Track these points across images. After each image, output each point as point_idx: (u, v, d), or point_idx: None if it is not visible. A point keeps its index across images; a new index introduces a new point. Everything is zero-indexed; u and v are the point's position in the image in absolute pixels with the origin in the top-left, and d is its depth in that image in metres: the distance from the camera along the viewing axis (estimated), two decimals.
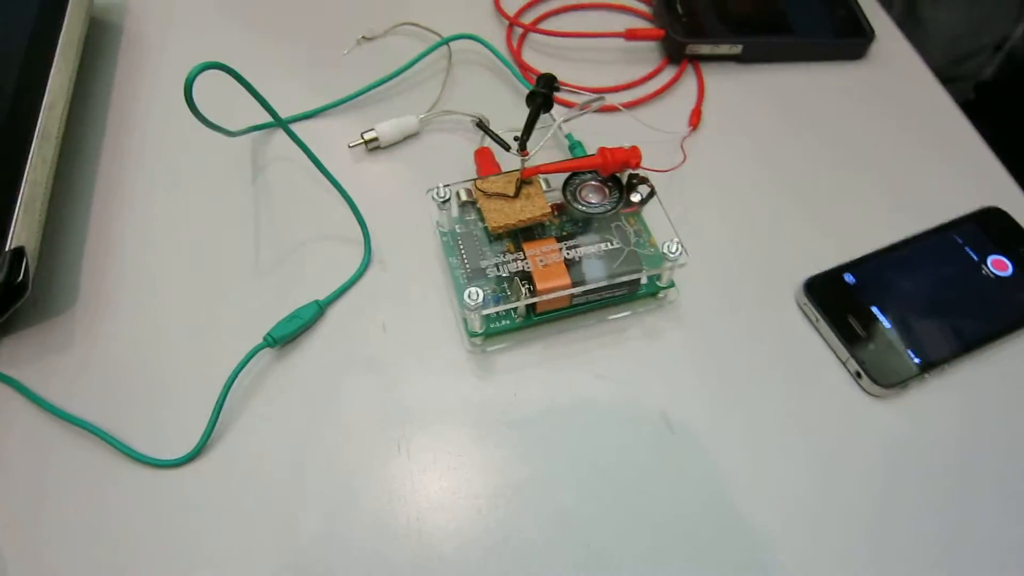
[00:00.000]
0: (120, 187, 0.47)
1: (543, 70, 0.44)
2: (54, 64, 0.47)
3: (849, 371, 0.40)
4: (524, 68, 0.53)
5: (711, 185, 0.47)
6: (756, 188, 0.47)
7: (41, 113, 0.45)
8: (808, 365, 0.40)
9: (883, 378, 0.38)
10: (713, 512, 0.36)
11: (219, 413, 0.38)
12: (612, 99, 0.50)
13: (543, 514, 0.36)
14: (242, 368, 0.38)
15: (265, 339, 0.40)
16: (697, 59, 0.54)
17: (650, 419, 0.38)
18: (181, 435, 0.38)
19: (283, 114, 0.49)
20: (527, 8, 0.58)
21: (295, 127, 0.49)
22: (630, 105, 0.51)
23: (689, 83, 0.53)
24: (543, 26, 0.56)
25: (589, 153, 0.45)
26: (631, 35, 0.54)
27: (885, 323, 0.40)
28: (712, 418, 0.38)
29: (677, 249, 0.39)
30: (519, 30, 0.56)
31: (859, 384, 0.39)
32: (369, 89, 0.51)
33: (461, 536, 0.35)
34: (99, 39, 0.55)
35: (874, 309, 0.41)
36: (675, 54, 0.54)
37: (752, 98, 0.52)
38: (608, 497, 0.36)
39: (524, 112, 0.43)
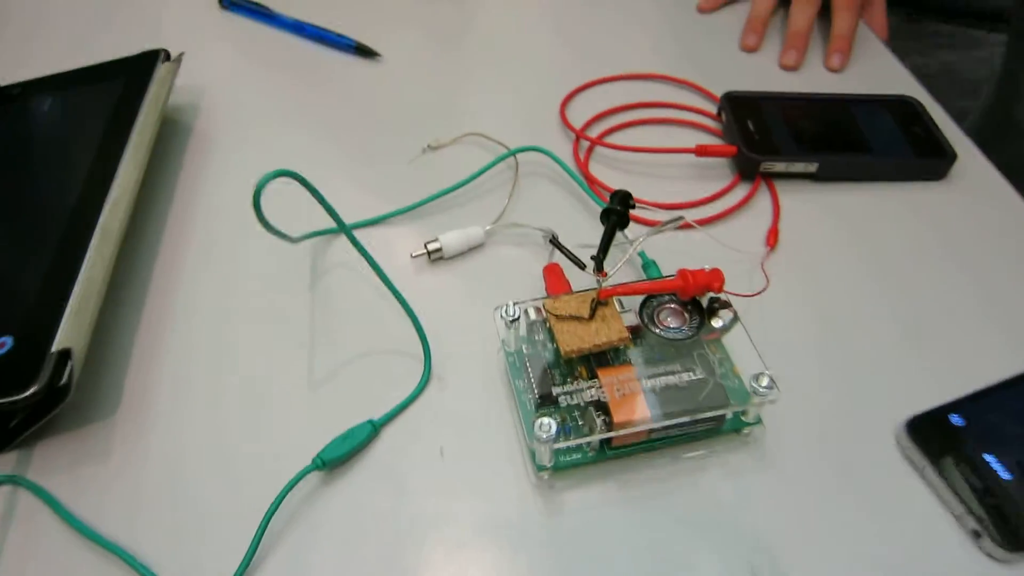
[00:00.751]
0: (174, 290, 0.46)
1: (611, 185, 0.43)
2: (123, 160, 0.47)
3: (964, 528, 0.35)
4: (592, 182, 0.52)
5: (794, 311, 0.44)
6: (843, 314, 0.44)
7: (105, 208, 0.44)
8: (915, 519, 0.36)
9: (1008, 540, 0.34)
10: None
11: (259, 541, 0.34)
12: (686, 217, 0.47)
13: None
14: (287, 492, 0.35)
15: (315, 461, 0.37)
16: (770, 176, 0.53)
17: (738, 573, 0.34)
18: (217, 564, 0.34)
19: (345, 221, 0.48)
20: (593, 122, 0.57)
21: (356, 234, 0.48)
22: (703, 223, 0.49)
23: (762, 201, 0.51)
24: (610, 140, 0.55)
25: (664, 273, 0.43)
26: (702, 151, 0.52)
27: (1003, 474, 0.36)
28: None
29: (768, 384, 0.35)
30: (585, 143, 0.55)
31: (978, 545, 0.35)
32: (434, 198, 0.50)
33: None
34: (169, 138, 0.56)
35: (987, 457, 0.36)
36: (748, 171, 0.53)
37: (830, 218, 0.50)
38: None
39: (592, 227, 0.41)
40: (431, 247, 0.46)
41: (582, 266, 0.39)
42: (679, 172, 0.53)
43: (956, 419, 0.38)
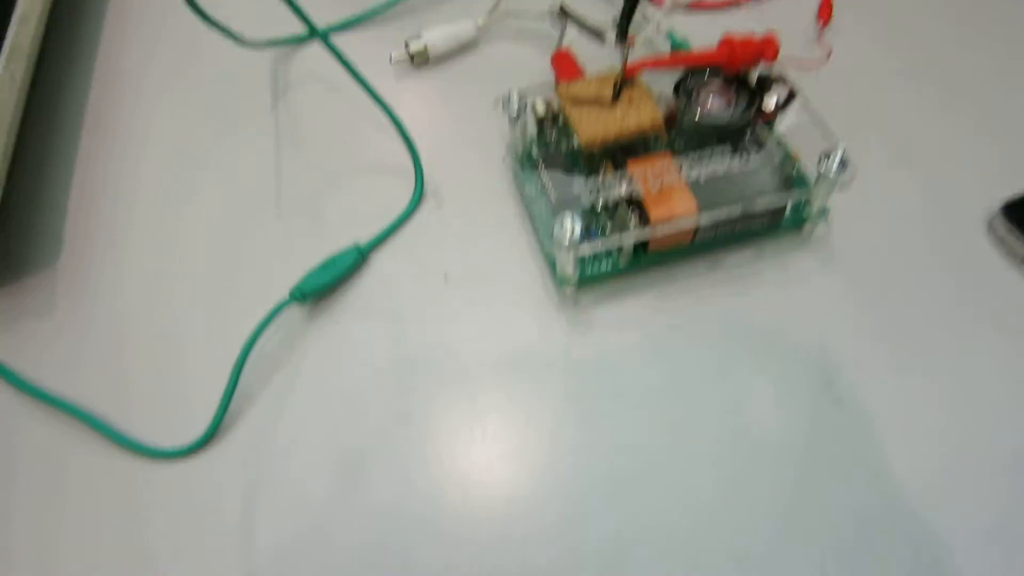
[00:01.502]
0: (114, 119, 0.38)
1: None
2: None
3: None
4: None
5: (858, 89, 0.37)
6: (917, 91, 0.37)
7: (11, 27, 0.36)
8: (1014, 314, 0.30)
9: None
10: (895, 511, 0.26)
11: (234, 389, 0.29)
12: None
13: (669, 517, 0.26)
14: (262, 331, 0.29)
15: (292, 294, 0.30)
16: None
17: (808, 388, 0.28)
18: (187, 418, 0.29)
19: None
20: None
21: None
22: None
23: None
24: None
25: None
26: None
27: None
28: (889, 388, 0.28)
29: (841, 161, 0.28)
30: None
31: None
32: None
33: (559, 539, 0.26)
34: None
35: None
36: None
37: None
38: (756, 493, 0.26)
39: (607, 12, 0.33)
40: (414, 48, 0.38)
41: (601, 38, 0.31)
42: None
43: None
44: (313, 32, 0.32)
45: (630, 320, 0.30)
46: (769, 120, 0.32)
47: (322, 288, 0.31)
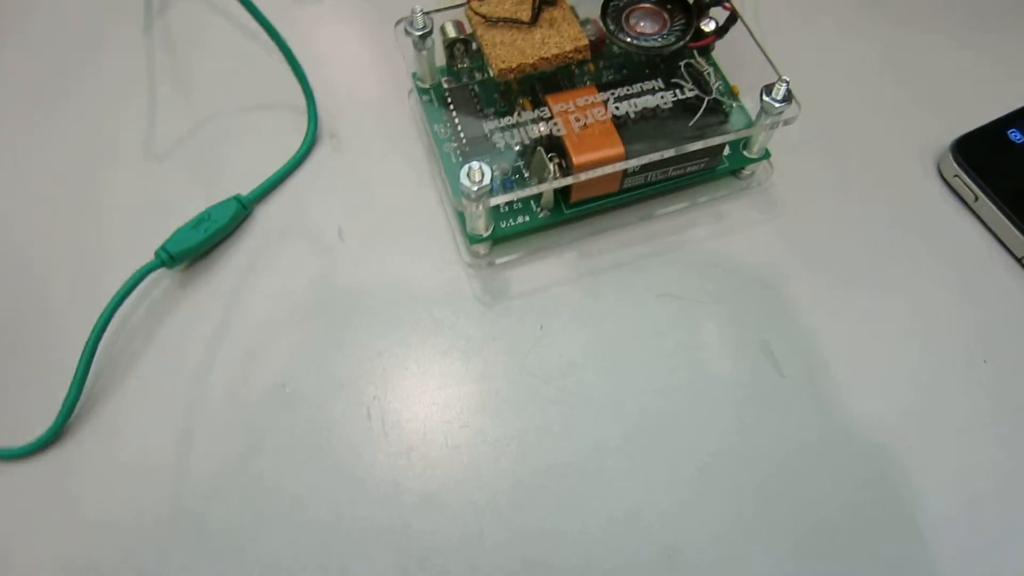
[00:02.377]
0: None
1: None
2: None
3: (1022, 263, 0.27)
4: None
5: (797, 11, 0.33)
6: (868, 17, 0.33)
7: None
8: (968, 263, 0.27)
9: None
10: (862, 495, 0.24)
11: (86, 372, 0.24)
12: None
13: (598, 509, 0.23)
14: (120, 302, 0.25)
15: (158, 255, 0.26)
16: None
17: (746, 355, 0.26)
18: (33, 409, 0.24)
19: None
20: None
21: None
22: None
23: None
24: None
25: None
26: None
27: None
28: (835, 353, 0.26)
29: (784, 95, 0.25)
30: None
31: None
32: None
33: (464, 547, 0.23)
34: None
35: None
36: None
37: None
38: (691, 476, 0.24)
39: None
40: None
41: None
42: None
43: (1016, 135, 0.29)
44: None
45: (551, 281, 0.27)
46: (706, 46, 0.28)
47: (194, 248, 0.27)
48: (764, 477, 0.24)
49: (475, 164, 0.23)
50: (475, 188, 0.23)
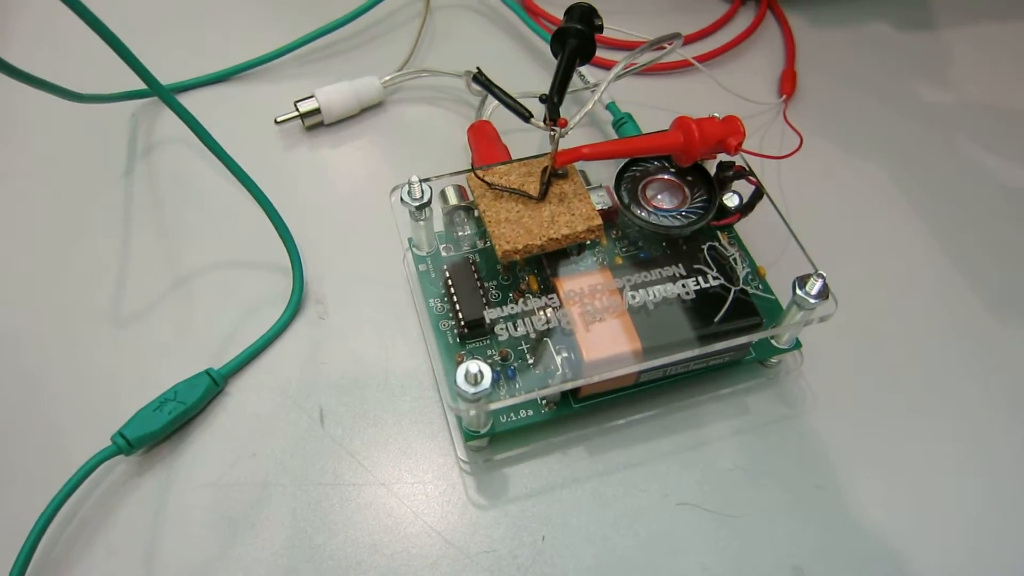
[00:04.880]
0: None
1: (559, 18, 0.28)
2: None
3: None
4: (534, 12, 0.37)
5: (827, 184, 0.31)
6: (898, 190, 0.32)
7: None
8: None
9: None
10: None
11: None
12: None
13: None
14: (67, 496, 0.22)
15: (114, 440, 0.23)
16: None
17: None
18: None
19: (182, 75, 0.33)
20: None
21: (200, 94, 0.33)
22: (703, 59, 0.35)
23: (767, 35, 0.38)
24: None
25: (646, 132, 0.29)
26: None
27: None
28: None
29: (820, 290, 0.23)
30: None
31: None
32: (308, 40, 0.35)
33: None
34: None
35: None
36: None
37: (863, 46, 0.37)
38: None
39: (538, 78, 0.27)
40: (304, 107, 0.32)
41: (527, 115, 0.25)
42: (651, 3, 0.39)
43: None
44: (153, 87, 0.24)
45: (555, 483, 0.24)
46: (728, 225, 0.26)
47: (157, 433, 0.24)
48: None
49: (473, 366, 0.20)
50: (472, 391, 0.20)
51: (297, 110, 0.31)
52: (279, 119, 0.31)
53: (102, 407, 0.24)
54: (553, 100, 0.24)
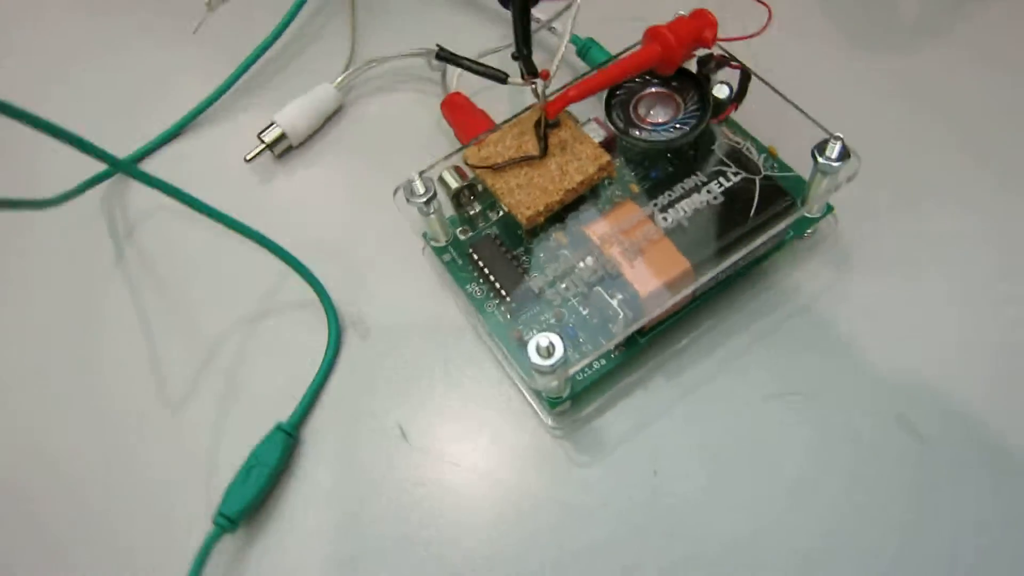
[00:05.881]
0: None
1: None
2: None
3: None
4: None
5: (809, 45, 0.31)
6: (879, 34, 0.31)
7: None
8: None
9: None
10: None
11: None
12: None
13: None
14: None
15: (217, 522, 0.23)
16: None
17: (882, 431, 0.23)
18: None
19: (133, 144, 0.31)
20: None
21: (158, 158, 0.32)
22: None
23: None
24: None
25: (613, 54, 0.28)
26: None
27: None
28: (983, 401, 0.23)
29: (840, 151, 0.23)
30: None
31: None
32: (244, 70, 0.33)
33: None
34: None
35: None
36: None
37: None
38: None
39: (486, 35, 0.26)
40: (269, 136, 0.31)
41: (503, 77, 0.24)
42: None
43: None
44: (114, 165, 0.23)
45: (647, 418, 0.24)
46: (726, 117, 0.26)
47: (252, 502, 0.24)
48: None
49: (543, 339, 0.20)
50: (549, 363, 0.20)
51: (263, 141, 0.30)
52: (248, 156, 0.30)
53: (190, 493, 0.24)
54: (523, 53, 0.24)
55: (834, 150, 0.22)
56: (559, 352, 0.20)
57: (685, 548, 0.22)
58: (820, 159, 0.23)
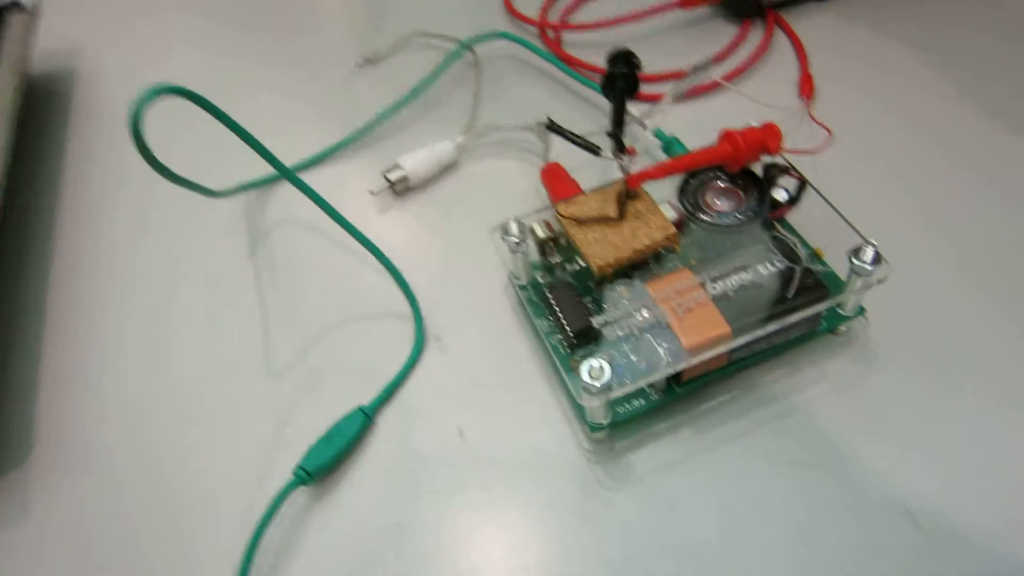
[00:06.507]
0: (79, 295, 0.35)
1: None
2: None
3: None
4: (572, 63, 0.42)
5: (861, 166, 0.35)
6: (927, 161, 0.35)
7: None
8: None
9: None
10: None
11: None
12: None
13: None
14: (267, 524, 0.26)
15: (296, 474, 0.27)
16: (775, 7, 0.43)
17: (886, 516, 0.25)
18: None
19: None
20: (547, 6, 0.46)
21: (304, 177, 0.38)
22: (728, 79, 0.39)
23: (777, 47, 0.42)
24: (572, 20, 0.45)
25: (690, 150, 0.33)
26: (687, 2, 0.43)
27: None
28: (970, 506, 0.25)
29: (873, 257, 0.26)
30: (551, 33, 0.45)
31: None
32: (383, 118, 0.40)
33: None
34: (43, 112, 0.44)
35: None
36: (747, 7, 0.43)
37: (867, 43, 0.41)
38: None
39: (584, 118, 0.32)
40: (393, 176, 0.36)
41: (596, 150, 0.29)
42: (666, 37, 0.43)
43: None
44: (282, 172, 0.29)
45: (672, 461, 0.27)
46: (781, 216, 0.30)
47: (328, 463, 0.28)
48: None
49: (595, 362, 0.24)
50: (597, 384, 0.24)
51: (387, 179, 0.36)
52: (374, 191, 0.36)
53: (275, 453, 0.29)
54: (616, 133, 0.29)
55: (868, 254, 0.26)
56: (607, 373, 0.24)
57: (692, 569, 0.25)
58: (855, 260, 0.26)
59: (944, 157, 0.35)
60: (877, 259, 0.26)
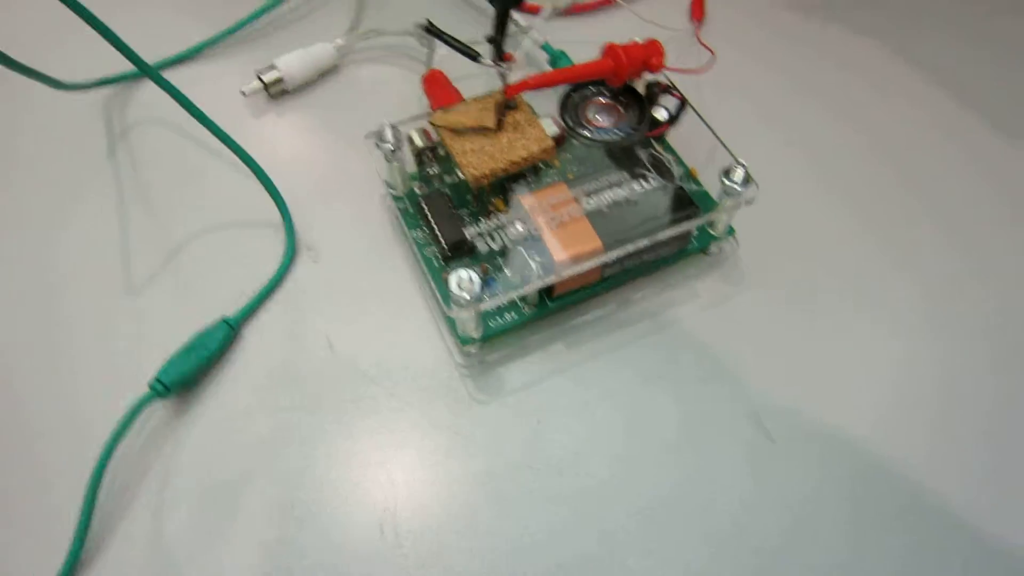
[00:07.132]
0: None
1: None
2: None
3: None
4: None
5: (742, 91, 0.35)
6: (803, 92, 0.36)
7: None
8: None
9: None
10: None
11: (90, 516, 0.24)
12: None
13: None
14: (119, 437, 0.25)
15: (152, 387, 0.26)
16: None
17: (736, 428, 0.27)
18: (34, 559, 0.24)
19: (149, 59, 0.35)
20: None
21: (168, 75, 0.35)
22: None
23: None
24: None
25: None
26: None
27: None
28: (820, 415, 0.27)
29: (744, 177, 0.27)
30: None
31: None
32: (259, 14, 0.37)
33: None
34: None
35: None
36: None
37: None
38: (704, 554, 0.24)
39: (475, 28, 0.30)
40: (267, 77, 0.34)
41: (475, 55, 0.28)
42: None
43: None
44: (143, 69, 0.27)
45: (542, 375, 0.27)
46: (660, 135, 0.30)
47: (188, 376, 0.27)
48: (776, 547, 0.24)
49: (463, 273, 0.24)
50: (466, 296, 0.24)
51: (260, 80, 0.34)
52: (245, 91, 0.34)
53: (133, 365, 0.27)
54: (497, 40, 0.28)
55: (738, 175, 0.27)
56: (476, 287, 0.24)
57: (553, 480, 0.25)
58: (725, 180, 0.27)
59: (816, 92, 0.36)
60: (747, 180, 0.27)
